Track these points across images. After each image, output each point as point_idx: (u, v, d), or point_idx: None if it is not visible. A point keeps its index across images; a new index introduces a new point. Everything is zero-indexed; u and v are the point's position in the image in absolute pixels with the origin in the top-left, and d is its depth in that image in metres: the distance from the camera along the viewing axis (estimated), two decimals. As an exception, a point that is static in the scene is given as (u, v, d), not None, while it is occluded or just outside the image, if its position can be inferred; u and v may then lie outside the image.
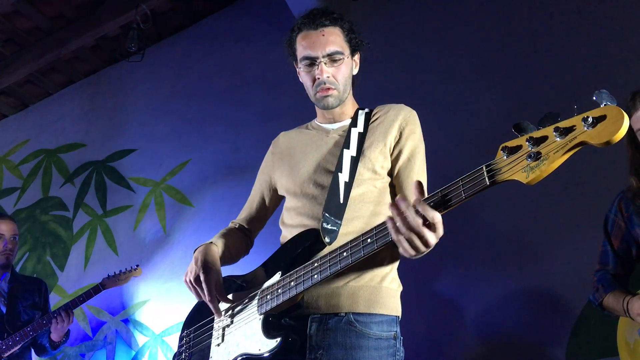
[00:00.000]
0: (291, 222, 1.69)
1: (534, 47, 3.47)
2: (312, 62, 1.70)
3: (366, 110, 1.82)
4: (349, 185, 1.62)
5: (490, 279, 3.14)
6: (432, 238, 1.26)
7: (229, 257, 1.76)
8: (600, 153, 3.06)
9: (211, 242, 1.71)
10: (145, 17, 3.75)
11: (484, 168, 1.16)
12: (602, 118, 0.99)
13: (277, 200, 1.92)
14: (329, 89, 1.70)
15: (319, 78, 1.69)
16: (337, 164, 1.66)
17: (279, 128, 4.07)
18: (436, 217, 1.23)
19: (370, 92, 3.80)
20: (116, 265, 4.25)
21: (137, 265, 3.19)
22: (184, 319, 3.88)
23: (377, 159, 1.67)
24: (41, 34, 4.67)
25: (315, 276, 1.45)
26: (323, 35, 1.69)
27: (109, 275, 3.13)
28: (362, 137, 1.71)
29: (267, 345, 1.50)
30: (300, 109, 1.94)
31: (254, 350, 1.52)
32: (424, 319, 3.19)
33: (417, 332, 3.17)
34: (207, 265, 1.60)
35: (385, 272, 1.63)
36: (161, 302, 3.99)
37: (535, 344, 2.95)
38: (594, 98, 1.00)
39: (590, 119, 1.00)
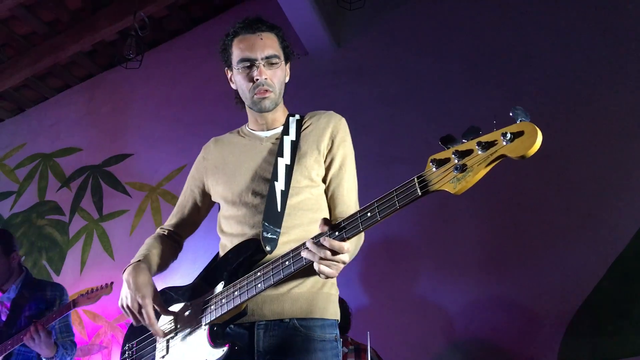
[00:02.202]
0: (231, 231, 1.70)
1: (527, 55, 3.52)
2: (251, 63, 1.71)
3: (297, 117, 1.85)
4: (285, 194, 1.65)
5: (482, 287, 3.18)
6: (346, 257, 1.36)
7: (158, 269, 1.76)
8: (590, 158, 3.11)
9: (139, 261, 1.69)
10: (142, 24, 3.77)
11: (416, 179, 1.23)
12: (519, 134, 1.09)
13: (209, 205, 1.92)
14: (266, 90, 1.72)
15: (257, 79, 1.70)
16: (272, 172, 1.68)
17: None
18: (342, 247, 1.34)
19: (366, 99, 3.86)
20: (112, 269, 4.27)
21: (112, 283, 3.10)
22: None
23: (313, 167, 1.70)
24: (38, 38, 4.68)
25: (259, 285, 1.48)
26: (261, 38, 1.73)
27: (83, 293, 3.05)
28: (294, 145, 1.74)
29: (214, 354, 1.51)
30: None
31: (201, 359, 1.53)
32: (415, 327, 3.22)
33: (409, 340, 3.20)
34: (140, 287, 1.58)
35: (324, 278, 1.64)
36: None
37: (528, 349, 2.98)
38: (511, 114, 1.10)
39: (508, 135, 1.09)
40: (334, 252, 1.33)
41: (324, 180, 1.74)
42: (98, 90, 5.08)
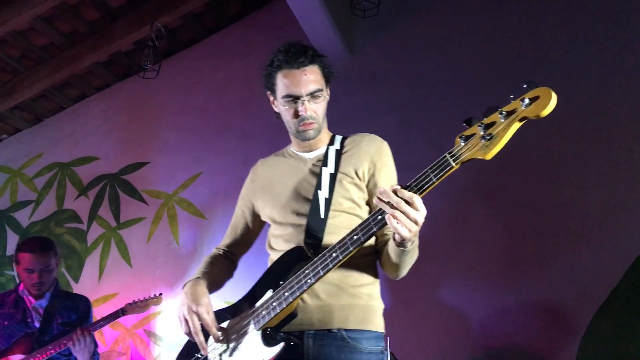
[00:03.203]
0: (279, 248, 1.77)
1: (541, 59, 3.53)
2: (295, 99, 1.78)
3: (340, 136, 1.93)
4: (328, 202, 1.73)
5: (498, 290, 3.18)
6: (418, 215, 1.38)
7: (215, 286, 1.85)
8: (605, 161, 3.10)
9: (198, 277, 1.79)
10: (159, 34, 3.83)
11: (447, 154, 1.35)
12: (536, 98, 1.23)
13: (260, 224, 2.01)
14: (311, 123, 1.81)
15: (302, 114, 1.78)
16: (317, 181, 1.77)
17: (287, 141, 4.13)
18: (414, 197, 1.37)
19: (379, 106, 3.88)
20: (130, 276, 4.32)
21: (160, 294, 3.21)
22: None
23: (354, 190, 1.78)
24: (56, 49, 4.76)
25: (309, 280, 1.54)
26: (305, 75, 1.77)
27: (131, 302, 3.17)
28: (339, 154, 1.83)
29: (270, 352, 1.57)
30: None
31: None
32: (432, 331, 3.23)
33: (426, 345, 3.20)
34: (197, 297, 1.68)
35: (370, 291, 1.73)
36: (173, 314, 4.04)
37: (545, 355, 2.97)
38: (524, 86, 1.26)
39: (526, 100, 1.24)
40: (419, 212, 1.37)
41: (368, 203, 1.80)
42: (114, 99, 5.14)
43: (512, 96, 1.28)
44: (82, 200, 4.84)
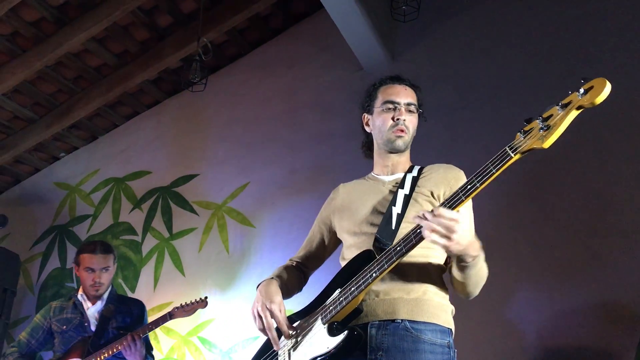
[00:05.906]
0: (352, 257, 1.84)
1: (585, 58, 3.46)
2: (394, 106, 1.97)
3: (419, 166, 2.04)
4: (400, 217, 1.81)
5: (555, 289, 3.12)
6: (453, 223, 1.47)
7: (285, 292, 1.93)
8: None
9: (272, 277, 1.92)
10: (206, 49, 3.96)
11: (507, 147, 1.45)
12: (590, 88, 1.33)
13: (335, 242, 2.12)
14: (402, 130, 1.96)
15: (398, 119, 1.96)
16: (391, 199, 1.87)
17: (332, 149, 4.20)
18: (448, 213, 1.48)
19: (423, 110, 3.87)
20: (183, 285, 4.44)
21: (206, 297, 3.26)
22: (248, 336, 3.98)
23: (429, 208, 1.80)
24: (108, 69, 4.98)
25: (374, 274, 1.62)
26: (406, 89, 2.03)
27: (178, 306, 3.25)
28: (415, 180, 1.93)
29: (334, 341, 1.64)
30: (351, 130, 2.07)
31: (322, 350, 1.65)
32: (488, 332, 3.19)
33: (481, 345, 3.17)
34: (270, 295, 1.81)
35: (437, 290, 1.79)
36: (226, 321, 4.14)
37: (603, 354, 2.90)
38: (582, 81, 1.35)
39: (582, 90, 1.33)
40: (448, 220, 1.47)
41: None
42: (164, 115, 5.32)
43: (570, 92, 1.36)
44: (137, 213, 5.01)
